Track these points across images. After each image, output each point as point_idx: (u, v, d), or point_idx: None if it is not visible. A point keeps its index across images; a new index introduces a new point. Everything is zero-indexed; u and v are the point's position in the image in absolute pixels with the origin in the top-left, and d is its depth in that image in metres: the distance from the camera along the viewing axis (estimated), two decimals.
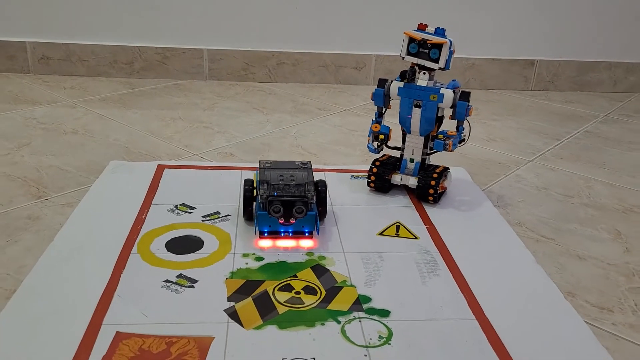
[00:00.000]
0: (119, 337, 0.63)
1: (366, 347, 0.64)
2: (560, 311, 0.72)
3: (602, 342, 0.66)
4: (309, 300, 0.71)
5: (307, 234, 0.82)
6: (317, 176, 0.90)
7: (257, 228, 0.82)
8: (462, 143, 0.97)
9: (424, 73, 0.95)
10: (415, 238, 0.87)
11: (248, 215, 0.87)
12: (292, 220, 0.81)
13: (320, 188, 0.88)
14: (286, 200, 0.80)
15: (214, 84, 1.71)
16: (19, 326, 0.64)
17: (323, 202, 0.88)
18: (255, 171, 0.89)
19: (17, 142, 1.18)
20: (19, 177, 1.02)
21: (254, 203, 0.86)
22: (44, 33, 1.64)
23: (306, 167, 0.88)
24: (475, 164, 1.18)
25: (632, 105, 1.69)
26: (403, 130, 1.00)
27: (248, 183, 0.87)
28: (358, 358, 0.62)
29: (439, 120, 0.97)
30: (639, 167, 1.21)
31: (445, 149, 0.94)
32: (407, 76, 0.96)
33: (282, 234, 0.82)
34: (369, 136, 1.00)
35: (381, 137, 0.99)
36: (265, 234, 0.82)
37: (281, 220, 0.81)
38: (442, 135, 0.96)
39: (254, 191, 0.86)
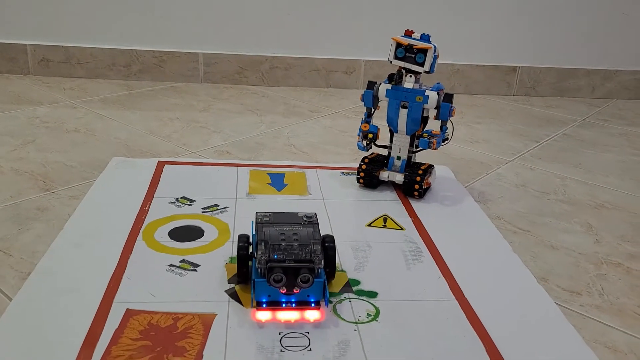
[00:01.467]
0: (129, 313, 0.69)
1: (356, 323, 0.70)
2: (532, 293, 0.78)
3: (570, 320, 0.73)
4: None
5: (313, 305, 0.69)
6: (310, 176, 0.95)
7: (253, 298, 0.69)
8: (446, 142, 1.04)
9: (410, 76, 1.02)
10: (401, 229, 0.94)
11: (243, 277, 0.74)
12: (296, 290, 0.68)
13: (328, 244, 0.74)
14: (289, 267, 0.67)
15: (209, 86, 1.77)
16: (35, 304, 0.69)
17: (331, 262, 0.75)
18: (251, 224, 0.78)
19: (22, 139, 1.23)
20: (26, 171, 1.08)
21: (250, 263, 0.73)
22: (44, 36, 1.69)
23: (311, 221, 0.74)
24: (458, 163, 1.25)
25: (608, 110, 1.77)
26: (390, 130, 1.06)
27: (243, 239, 0.74)
28: (348, 333, 0.68)
29: (424, 120, 1.04)
30: (612, 167, 1.28)
31: (429, 147, 1.01)
32: (395, 79, 1.02)
33: (284, 305, 0.69)
34: (358, 135, 1.07)
35: (370, 135, 1.06)
36: (264, 305, 0.69)
37: (283, 290, 0.68)
38: (427, 134, 1.02)
39: (250, 248, 0.74)
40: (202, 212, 0.95)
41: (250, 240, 0.74)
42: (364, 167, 1.07)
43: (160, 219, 0.92)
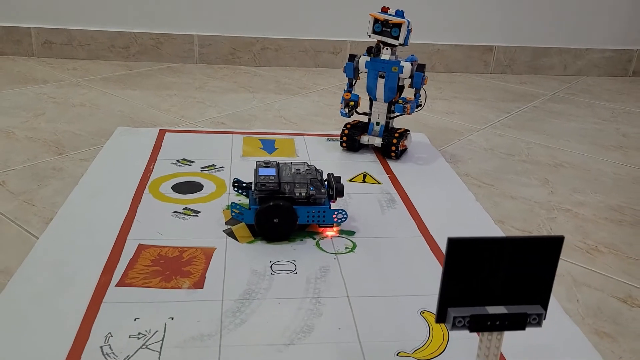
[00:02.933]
0: (141, 247, 0.80)
1: (335, 254, 0.82)
2: (489, 231, 0.90)
3: None
4: None
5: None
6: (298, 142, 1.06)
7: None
8: (419, 108, 1.15)
9: (387, 48, 1.13)
10: (379, 183, 1.06)
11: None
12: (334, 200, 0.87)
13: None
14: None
15: (203, 67, 1.87)
16: (59, 241, 0.81)
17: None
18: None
19: (33, 112, 1.34)
20: (39, 139, 1.18)
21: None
22: (47, 19, 1.79)
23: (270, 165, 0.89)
24: (434, 131, 1.37)
25: (578, 86, 1.89)
26: (370, 98, 1.18)
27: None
28: (329, 260, 0.80)
29: (400, 89, 1.15)
30: (574, 134, 1.41)
31: (404, 112, 1.13)
32: (373, 51, 1.14)
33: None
34: (341, 103, 1.18)
35: (351, 103, 1.18)
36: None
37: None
38: (402, 101, 1.14)
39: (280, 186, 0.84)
40: (201, 170, 1.06)
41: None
42: (346, 132, 1.18)
43: (163, 176, 1.03)
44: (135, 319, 0.66)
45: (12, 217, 0.87)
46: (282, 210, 0.82)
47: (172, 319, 0.67)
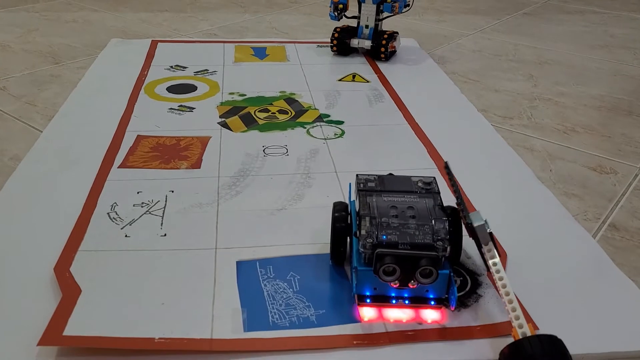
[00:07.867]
0: (140, 137, 0.85)
1: (325, 139, 0.86)
2: (472, 118, 0.95)
3: (500, 134, 0.89)
4: (282, 117, 0.93)
5: (432, 303, 0.52)
6: (289, 49, 1.08)
7: (354, 290, 0.52)
8: (407, 8, 1.17)
9: None
10: (367, 82, 1.09)
11: (337, 257, 0.58)
12: (413, 285, 0.51)
13: (451, 217, 0.54)
14: (404, 255, 0.49)
15: None
16: (62, 132, 0.85)
17: (456, 239, 0.55)
18: (348, 188, 0.69)
19: (26, 28, 1.35)
20: (35, 50, 1.21)
21: (353, 240, 0.55)
22: None
23: (430, 189, 0.56)
24: (424, 37, 1.38)
25: None
26: (359, 1, 1.19)
27: (339, 209, 0.57)
28: (319, 145, 0.84)
29: None
30: (562, 36, 1.42)
31: (392, 11, 1.14)
32: None
33: (394, 301, 0.52)
34: (330, 6, 1.20)
35: (340, 6, 1.19)
36: (368, 300, 0.52)
37: (395, 284, 0.51)
38: (390, 0, 1.15)
39: (349, 220, 0.57)
40: (194, 74, 1.10)
41: (349, 209, 0.58)
42: (336, 35, 1.20)
43: (158, 80, 1.06)
44: (138, 192, 0.71)
45: (16, 115, 0.91)
46: None
47: (173, 191, 0.72)
